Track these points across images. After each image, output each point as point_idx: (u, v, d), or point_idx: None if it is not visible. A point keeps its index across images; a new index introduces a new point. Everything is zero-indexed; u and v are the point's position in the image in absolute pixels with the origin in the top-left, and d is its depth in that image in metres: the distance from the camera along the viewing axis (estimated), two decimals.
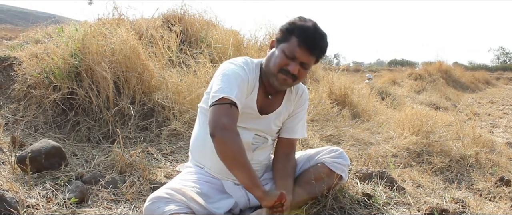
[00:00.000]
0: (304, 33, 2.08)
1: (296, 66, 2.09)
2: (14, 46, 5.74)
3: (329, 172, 2.37)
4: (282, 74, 2.12)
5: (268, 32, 7.81)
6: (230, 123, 1.98)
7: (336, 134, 4.57)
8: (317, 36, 2.10)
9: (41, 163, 2.88)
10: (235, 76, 2.10)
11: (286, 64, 2.10)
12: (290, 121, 2.42)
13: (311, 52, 2.09)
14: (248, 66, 2.21)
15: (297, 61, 2.09)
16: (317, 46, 2.11)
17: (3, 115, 4.09)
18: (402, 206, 2.66)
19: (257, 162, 2.34)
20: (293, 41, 2.08)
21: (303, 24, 2.11)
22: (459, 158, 4.08)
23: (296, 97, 2.40)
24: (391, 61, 56.28)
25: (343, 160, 2.45)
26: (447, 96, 14.12)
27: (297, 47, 2.07)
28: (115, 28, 4.52)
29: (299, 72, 2.12)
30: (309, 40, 2.08)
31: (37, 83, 4.24)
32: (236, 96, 2.02)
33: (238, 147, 1.97)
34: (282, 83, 2.16)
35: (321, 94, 5.93)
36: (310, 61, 2.13)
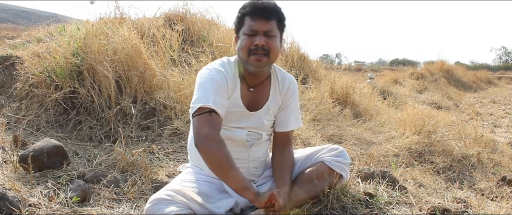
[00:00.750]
0: (250, 6, 2.10)
1: (261, 38, 2.07)
2: (16, 45, 5.74)
3: (329, 171, 2.36)
4: (253, 55, 2.10)
5: None
6: (212, 132, 2.00)
7: (338, 134, 4.57)
8: (263, 2, 2.11)
9: (43, 162, 2.88)
10: (210, 82, 2.10)
11: (252, 42, 2.08)
12: (282, 114, 2.40)
13: (266, 17, 2.09)
14: (224, 66, 2.21)
15: (260, 34, 2.08)
16: (269, 10, 2.10)
17: (5, 114, 4.09)
18: (404, 205, 2.66)
19: (254, 159, 2.35)
20: (247, 20, 2.10)
21: (247, 3, 2.13)
22: (461, 158, 4.08)
23: (283, 88, 2.37)
24: (393, 60, 56.23)
25: (344, 158, 2.43)
26: (449, 96, 14.10)
27: (251, 22, 2.08)
28: (117, 27, 4.53)
29: (268, 43, 2.09)
30: (259, 8, 2.09)
31: (39, 82, 4.24)
32: (214, 102, 2.03)
33: (222, 155, 1.98)
34: (257, 65, 2.13)
35: (323, 94, 5.92)
36: (272, 27, 2.11)
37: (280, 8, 2.15)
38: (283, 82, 2.36)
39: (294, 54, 7.67)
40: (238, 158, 2.26)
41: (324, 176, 2.33)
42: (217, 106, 2.03)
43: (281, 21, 2.17)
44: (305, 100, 5.38)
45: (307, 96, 5.62)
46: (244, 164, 2.32)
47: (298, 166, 2.45)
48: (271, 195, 1.98)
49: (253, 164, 2.36)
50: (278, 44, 2.15)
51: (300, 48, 8.10)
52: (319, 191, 2.35)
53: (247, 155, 2.31)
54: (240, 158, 2.28)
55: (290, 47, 7.97)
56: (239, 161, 2.26)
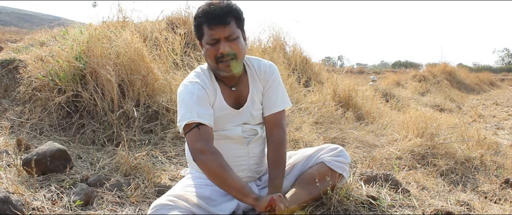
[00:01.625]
0: (205, 15, 2.08)
1: (224, 44, 2.07)
2: (19, 48, 5.76)
3: (330, 171, 2.36)
4: (220, 63, 2.11)
5: (272, 34, 7.83)
6: (204, 145, 2.04)
7: (340, 137, 4.57)
8: (215, 7, 2.07)
9: (46, 166, 2.89)
10: (190, 96, 2.12)
11: (216, 50, 2.08)
12: (266, 98, 2.37)
13: (223, 23, 2.06)
14: (199, 76, 2.22)
15: (221, 40, 2.07)
16: (224, 14, 2.07)
17: (8, 118, 4.11)
18: (407, 208, 2.66)
19: (254, 155, 2.36)
20: (205, 29, 2.09)
21: (200, 10, 2.11)
22: (464, 160, 4.07)
23: (261, 74, 2.35)
24: (395, 62, 56.20)
25: (344, 158, 2.43)
26: (452, 98, 14.08)
27: (210, 30, 2.07)
28: (119, 30, 4.54)
29: (232, 47, 2.09)
30: (213, 15, 2.06)
31: (42, 86, 4.26)
32: (197, 115, 2.06)
33: (218, 165, 2.02)
34: (228, 70, 2.14)
35: (325, 96, 5.93)
36: (231, 30, 2.09)
37: (233, 5, 2.13)
38: (259, 69, 2.35)
39: (297, 57, 7.68)
40: (238, 156, 2.30)
41: (325, 177, 2.32)
42: (202, 118, 2.06)
43: (239, 18, 2.15)
44: (308, 103, 5.38)
45: (310, 99, 5.62)
46: (245, 161, 2.33)
47: (299, 167, 2.45)
48: (271, 200, 1.98)
49: (253, 161, 2.37)
50: (242, 42, 2.16)
51: (303, 51, 8.11)
52: (321, 192, 2.35)
53: (246, 152, 2.32)
54: (240, 155, 2.31)
55: (292, 50, 7.99)
56: (239, 158, 2.30)
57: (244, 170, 2.34)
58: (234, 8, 2.12)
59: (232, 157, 2.27)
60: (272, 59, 6.51)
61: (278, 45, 7.68)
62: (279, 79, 2.41)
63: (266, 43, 7.68)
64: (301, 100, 5.50)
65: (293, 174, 2.44)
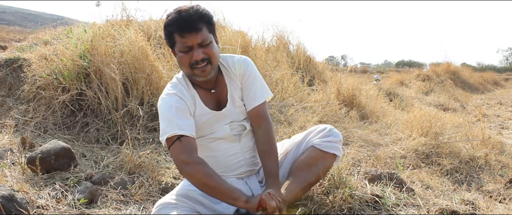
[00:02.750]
0: (175, 24, 2.04)
1: (198, 51, 2.05)
2: (24, 47, 5.78)
3: (322, 154, 2.34)
4: (195, 69, 2.09)
5: (276, 33, 7.83)
6: (188, 156, 2.02)
7: (344, 136, 4.56)
8: (185, 15, 2.03)
9: (50, 164, 2.90)
10: (168, 109, 2.11)
11: (190, 57, 2.06)
12: (246, 93, 2.34)
13: (195, 30, 2.03)
14: (176, 87, 2.20)
15: (194, 47, 2.05)
16: (194, 21, 2.03)
17: (13, 116, 4.12)
18: (412, 207, 2.65)
19: (248, 149, 2.34)
20: (176, 37, 2.06)
21: (169, 19, 2.07)
22: (468, 160, 4.05)
23: (235, 70, 2.31)
24: (399, 62, 56.17)
25: (333, 136, 2.39)
26: (456, 97, 14.03)
27: (181, 38, 2.04)
28: (123, 29, 4.54)
29: (205, 52, 2.07)
30: (182, 23, 2.03)
31: (46, 85, 4.27)
32: (178, 127, 2.04)
33: (204, 174, 2.00)
34: (203, 75, 2.12)
35: (329, 96, 5.92)
36: (203, 36, 2.06)
37: (203, 10, 2.10)
38: (233, 66, 2.31)
39: (300, 56, 7.68)
40: (233, 153, 2.29)
41: (318, 160, 2.31)
42: (183, 130, 2.04)
43: (210, 23, 2.12)
44: (312, 102, 5.38)
45: (314, 98, 5.61)
46: (241, 157, 2.31)
47: (291, 155, 2.44)
48: (260, 200, 1.96)
49: (249, 154, 2.35)
50: (215, 47, 2.13)
51: (306, 50, 8.11)
52: (318, 176, 2.34)
53: (240, 147, 2.30)
54: (234, 152, 2.30)
55: (296, 49, 7.98)
56: (235, 156, 2.29)
57: (242, 165, 2.32)
58: (204, 13, 2.09)
59: (227, 155, 2.28)
60: (276, 58, 6.52)
61: (281, 44, 7.68)
62: (255, 72, 2.37)
63: (270, 42, 7.68)
64: (305, 99, 5.49)
65: (287, 163, 2.43)
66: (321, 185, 2.62)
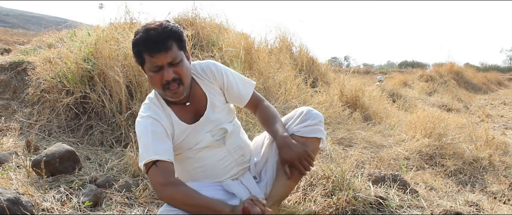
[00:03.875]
0: (143, 43, 1.96)
1: (168, 70, 1.98)
2: (28, 50, 5.81)
3: (303, 140, 2.24)
4: (167, 89, 2.03)
5: (279, 35, 7.83)
6: (165, 179, 1.96)
7: (348, 137, 4.56)
8: (153, 33, 1.95)
9: (55, 167, 2.92)
10: (144, 134, 2.05)
11: (161, 78, 1.99)
12: (232, 93, 2.30)
13: (163, 49, 1.95)
14: (150, 108, 2.13)
15: (164, 67, 1.98)
16: (163, 40, 1.96)
17: (17, 119, 4.14)
18: (416, 209, 2.65)
19: (235, 149, 2.29)
20: (146, 57, 1.98)
21: (137, 38, 1.99)
22: (472, 161, 4.06)
23: (209, 75, 2.25)
24: (402, 62, 56.00)
25: (312, 119, 2.27)
26: (459, 98, 14.01)
27: (151, 58, 1.96)
28: (127, 32, 4.56)
29: (176, 71, 2.00)
30: (151, 42, 1.95)
31: (51, 88, 4.29)
32: (154, 152, 1.98)
33: (184, 194, 1.96)
34: (175, 97, 2.07)
35: (332, 97, 5.93)
36: (173, 54, 1.98)
37: (172, 26, 2.01)
38: (204, 72, 2.24)
39: (303, 57, 7.69)
40: (221, 158, 2.25)
41: None
42: (158, 154, 1.99)
43: (180, 39, 2.04)
44: (315, 104, 5.38)
45: (317, 100, 5.62)
46: (229, 159, 2.28)
47: (275, 149, 2.32)
48: (243, 209, 1.93)
49: (237, 154, 2.31)
50: (186, 65, 2.06)
51: (309, 51, 8.11)
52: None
53: (226, 150, 2.26)
54: (222, 157, 2.25)
55: (299, 51, 7.99)
56: (223, 160, 2.25)
57: (233, 167, 2.29)
58: (174, 30, 2.01)
59: (216, 161, 2.24)
60: (279, 59, 6.53)
61: (284, 46, 7.68)
62: (228, 70, 2.32)
63: (272, 43, 7.69)
64: (308, 101, 5.49)
65: (273, 159, 2.34)
66: (325, 187, 2.62)
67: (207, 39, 6.03)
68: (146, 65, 2.01)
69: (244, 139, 2.40)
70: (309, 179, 2.76)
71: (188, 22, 6.22)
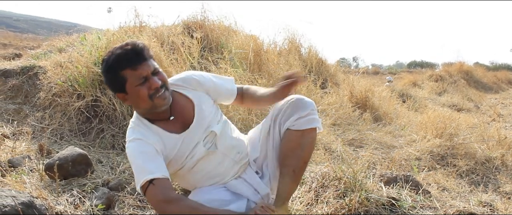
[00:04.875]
0: (124, 60, 1.96)
1: (154, 78, 1.99)
2: (38, 55, 5.85)
3: (299, 133, 2.19)
4: (155, 99, 2.01)
5: (287, 36, 7.83)
6: (163, 196, 1.95)
7: (358, 138, 4.55)
8: (129, 49, 1.97)
9: (68, 171, 2.94)
10: (135, 157, 2.04)
11: (148, 88, 1.98)
12: (220, 94, 2.32)
13: (144, 59, 1.99)
14: (135, 131, 2.11)
15: (149, 77, 1.99)
16: (140, 52, 1.98)
17: (29, 123, 4.17)
18: (428, 210, 2.64)
19: (229, 149, 2.25)
20: (128, 73, 1.97)
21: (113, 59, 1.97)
22: (485, 161, 4.03)
23: (194, 84, 2.23)
24: (411, 62, 55.65)
25: (302, 110, 2.19)
26: (469, 97, 13.90)
27: (135, 72, 1.97)
28: (137, 35, 4.58)
29: (160, 78, 2.02)
30: (131, 57, 1.96)
31: (62, 92, 4.32)
32: (148, 171, 1.97)
33: (189, 207, 1.95)
34: (165, 103, 2.05)
35: (342, 98, 5.92)
36: (153, 64, 2.02)
37: (139, 42, 2.03)
38: (187, 82, 2.23)
39: (313, 59, 7.68)
40: (219, 162, 2.22)
41: (298, 142, 2.20)
42: (153, 173, 1.97)
43: (149, 52, 2.06)
44: (325, 105, 5.38)
45: (327, 101, 5.61)
46: (227, 161, 2.24)
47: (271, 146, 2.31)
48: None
49: (233, 153, 2.26)
50: (162, 72, 2.09)
51: (318, 52, 8.10)
52: (304, 158, 2.23)
53: (221, 154, 2.22)
54: (220, 161, 2.22)
55: (308, 52, 7.98)
56: (221, 164, 2.23)
57: (233, 166, 2.27)
58: (142, 45, 2.03)
59: (215, 167, 2.22)
60: (288, 61, 6.53)
61: (293, 47, 7.68)
62: (208, 74, 2.32)
63: (281, 45, 7.69)
64: (318, 102, 5.49)
65: (272, 153, 2.32)
66: (336, 188, 2.61)
67: (216, 41, 6.05)
68: (128, 82, 1.99)
69: (235, 136, 2.35)
70: (321, 180, 2.76)
71: (197, 24, 6.25)
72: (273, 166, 2.31)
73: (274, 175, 2.31)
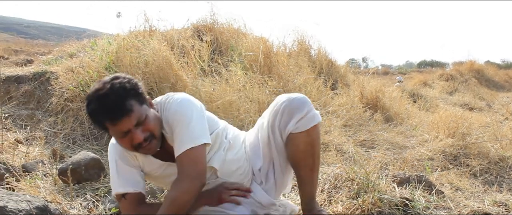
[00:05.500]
0: (101, 114, 1.79)
1: (136, 132, 1.82)
2: (49, 61, 5.90)
3: (304, 134, 2.06)
4: (140, 149, 1.88)
5: (297, 38, 7.82)
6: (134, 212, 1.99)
7: (370, 139, 4.53)
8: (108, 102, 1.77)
9: (81, 175, 2.96)
10: (112, 164, 2.03)
11: (130, 141, 1.84)
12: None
13: (125, 115, 1.78)
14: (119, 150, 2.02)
15: (132, 130, 1.82)
16: (120, 105, 1.77)
17: (42, 129, 4.21)
18: (442, 210, 2.62)
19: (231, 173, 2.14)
20: (108, 125, 1.81)
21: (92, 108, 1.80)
22: (498, 160, 3.99)
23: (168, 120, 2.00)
24: (421, 62, 55.37)
25: (300, 110, 2.05)
26: (481, 96, 13.79)
27: (114, 127, 1.80)
28: (147, 40, 4.61)
29: (146, 129, 1.85)
30: (109, 111, 1.77)
31: (74, 96, 4.36)
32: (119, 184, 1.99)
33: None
34: (151, 151, 1.95)
35: (353, 99, 5.90)
36: (136, 116, 1.81)
37: (124, 83, 1.82)
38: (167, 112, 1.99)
39: (322, 60, 7.67)
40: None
41: (306, 142, 2.08)
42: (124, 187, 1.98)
43: (137, 94, 1.85)
44: (336, 106, 5.36)
45: (338, 102, 5.59)
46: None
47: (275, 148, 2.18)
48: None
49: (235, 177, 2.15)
50: (152, 117, 1.89)
51: (327, 54, 8.10)
52: (316, 155, 2.14)
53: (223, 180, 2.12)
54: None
55: (317, 54, 7.97)
56: None
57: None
58: (128, 87, 1.83)
59: None
60: (298, 63, 6.52)
61: (303, 49, 7.68)
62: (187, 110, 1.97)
63: (291, 47, 7.68)
64: (329, 103, 5.47)
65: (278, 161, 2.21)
66: (349, 189, 2.61)
67: (226, 44, 6.06)
68: (110, 131, 1.86)
69: (236, 157, 2.18)
70: (333, 182, 2.75)
71: (206, 28, 6.27)
72: (280, 172, 2.23)
73: (281, 181, 2.26)
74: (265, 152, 2.21)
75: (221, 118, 4.05)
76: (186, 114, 1.92)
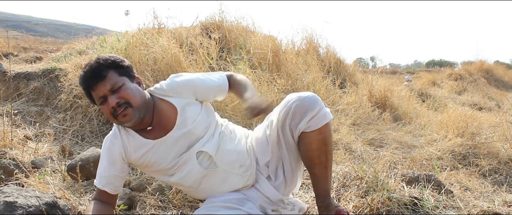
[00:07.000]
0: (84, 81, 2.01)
1: (111, 97, 1.97)
2: (58, 58, 5.93)
3: (316, 132, 2.09)
4: (117, 116, 2.00)
5: (305, 36, 7.81)
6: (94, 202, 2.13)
7: (378, 138, 4.51)
8: (89, 68, 1.99)
9: (89, 171, 2.97)
10: (101, 155, 2.20)
11: (108, 107, 1.99)
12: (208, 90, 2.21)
13: (100, 79, 1.96)
14: (115, 130, 2.18)
15: (107, 95, 1.98)
16: (97, 72, 1.97)
17: (51, 125, 4.23)
18: (451, 209, 2.60)
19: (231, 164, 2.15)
20: (92, 93, 2.02)
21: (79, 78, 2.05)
22: (508, 160, 3.96)
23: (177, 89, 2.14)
24: (429, 61, 55.03)
25: (311, 109, 2.07)
26: (490, 96, 13.70)
27: (94, 92, 2.00)
28: (156, 37, 4.61)
29: (120, 96, 1.98)
30: (88, 77, 1.98)
31: (82, 93, 4.36)
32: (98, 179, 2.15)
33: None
34: (126, 120, 2.01)
35: (361, 98, 5.87)
36: (112, 81, 1.98)
37: (108, 58, 2.03)
38: (171, 87, 2.14)
39: (331, 59, 7.65)
40: (222, 179, 2.16)
41: (319, 140, 2.10)
42: (99, 182, 2.15)
43: (119, 67, 2.04)
44: (344, 105, 5.35)
45: (346, 101, 5.57)
46: (231, 175, 2.17)
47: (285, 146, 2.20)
48: None
49: (236, 169, 2.17)
50: (130, 87, 2.03)
51: (336, 52, 8.07)
52: (329, 151, 2.15)
53: (223, 171, 2.15)
54: (223, 178, 2.16)
55: (326, 52, 7.95)
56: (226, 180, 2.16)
57: (240, 181, 2.19)
58: (109, 60, 2.02)
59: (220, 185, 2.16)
60: (306, 61, 6.51)
61: (311, 47, 7.66)
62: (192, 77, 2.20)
63: (299, 45, 7.67)
64: (337, 102, 5.46)
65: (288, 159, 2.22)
66: (358, 188, 2.60)
67: (235, 42, 6.06)
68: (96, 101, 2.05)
69: (235, 148, 2.20)
70: (342, 180, 2.74)
71: (215, 25, 6.27)
72: (290, 170, 2.24)
73: (291, 179, 2.26)
74: (274, 150, 2.22)
75: (230, 116, 4.09)
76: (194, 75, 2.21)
